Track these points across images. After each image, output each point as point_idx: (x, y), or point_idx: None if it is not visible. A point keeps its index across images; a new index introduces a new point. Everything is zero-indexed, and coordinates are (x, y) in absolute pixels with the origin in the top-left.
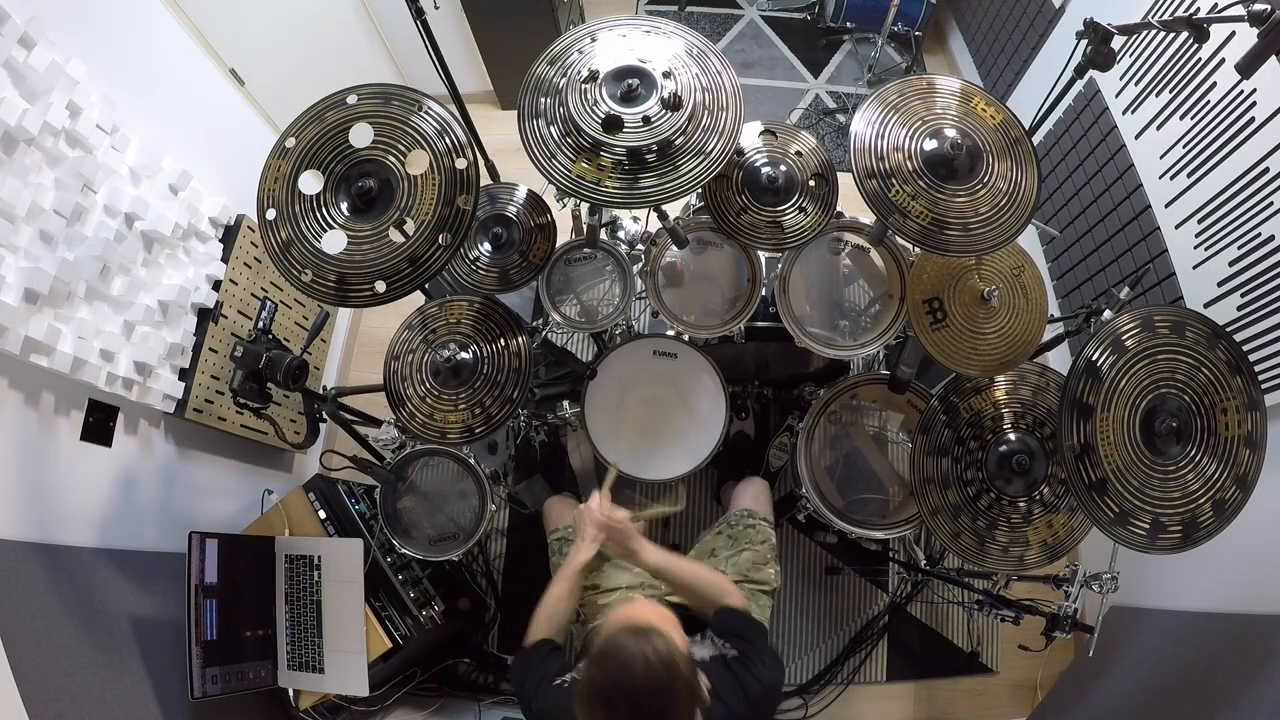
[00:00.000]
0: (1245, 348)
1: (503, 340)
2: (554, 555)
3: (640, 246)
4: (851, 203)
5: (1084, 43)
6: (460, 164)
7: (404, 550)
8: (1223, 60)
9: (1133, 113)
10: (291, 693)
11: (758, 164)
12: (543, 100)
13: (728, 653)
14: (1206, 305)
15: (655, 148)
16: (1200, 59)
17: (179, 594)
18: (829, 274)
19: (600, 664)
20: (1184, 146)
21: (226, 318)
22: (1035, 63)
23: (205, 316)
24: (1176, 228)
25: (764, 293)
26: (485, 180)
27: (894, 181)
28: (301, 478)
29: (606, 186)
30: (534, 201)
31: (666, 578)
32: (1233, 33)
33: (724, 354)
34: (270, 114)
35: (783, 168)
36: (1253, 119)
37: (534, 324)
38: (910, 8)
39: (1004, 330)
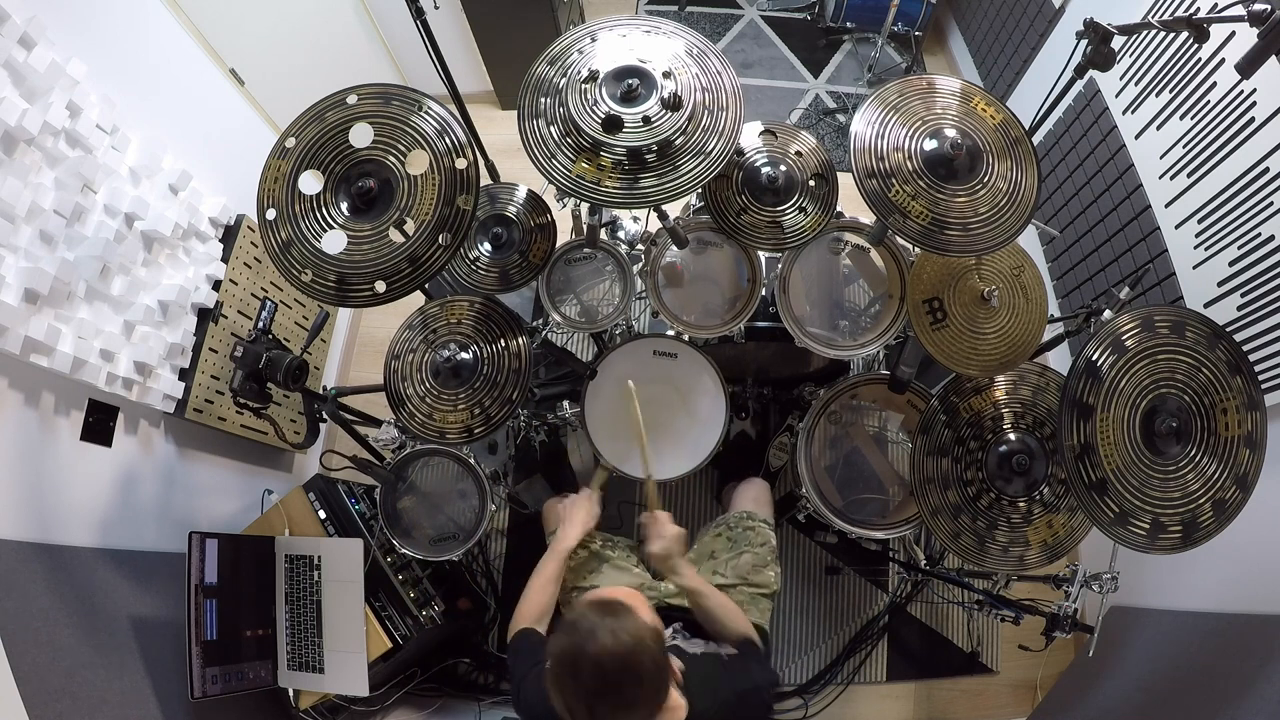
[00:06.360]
0: (1245, 348)
1: (503, 340)
2: None
3: (640, 246)
4: (851, 203)
5: (1084, 43)
6: (460, 164)
7: (404, 550)
8: (1223, 60)
9: (1133, 113)
10: (291, 693)
11: (758, 164)
12: (543, 100)
13: (724, 652)
14: (1206, 305)
15: (655, 148)
16: (1200, 59)
17: (179, 594)
18: (829, 274)
19: (566, 633)
20: (1184, 146)
21: (226, 318)
22: (1035, 63)
23: (205, 316)
24: (1176, 228)
25: (764, 293)
26: (485, 180)
27: (894, 181)
28: (301, 478)
29: (606, 186)
30: (534, 201)
31: (698, 601)
32: (1233, 33)
33: (724, 354)
34: (270, 114)
35: (783, 168)
36: (1253, 119)
37: (534, 324)
38: (910, 8)
39: (1004, 330)
